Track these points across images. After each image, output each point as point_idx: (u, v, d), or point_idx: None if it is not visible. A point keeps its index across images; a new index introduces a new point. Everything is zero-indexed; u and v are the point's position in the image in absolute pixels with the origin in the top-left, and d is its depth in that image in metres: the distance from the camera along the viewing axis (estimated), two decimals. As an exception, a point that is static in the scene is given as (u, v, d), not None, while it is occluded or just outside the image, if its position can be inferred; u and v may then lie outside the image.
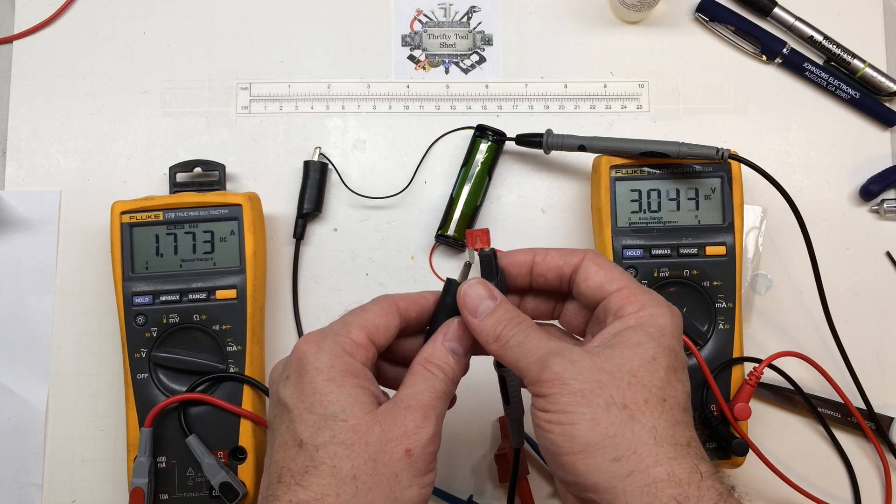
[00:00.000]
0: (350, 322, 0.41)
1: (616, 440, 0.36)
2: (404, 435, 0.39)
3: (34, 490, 0.60)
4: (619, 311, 0.41)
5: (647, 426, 0.37)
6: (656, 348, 0.39)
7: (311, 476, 0.38)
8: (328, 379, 0.39)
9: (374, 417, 0.39)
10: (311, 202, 0.63)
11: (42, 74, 0.66)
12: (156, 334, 0.57)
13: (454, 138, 0.65)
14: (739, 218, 0.59)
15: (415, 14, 0.67)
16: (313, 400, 0.39)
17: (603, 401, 0.37)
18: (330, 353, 0.40)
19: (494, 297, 0.42)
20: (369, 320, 0.41)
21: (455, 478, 0.61)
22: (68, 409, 0.62)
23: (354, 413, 0.38)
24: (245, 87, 0.66)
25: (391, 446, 0.38)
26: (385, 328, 0.42)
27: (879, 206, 0.65)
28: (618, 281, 0.42)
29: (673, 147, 0.57)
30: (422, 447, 0.39)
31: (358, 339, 0.41)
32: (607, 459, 0.36)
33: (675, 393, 0.39)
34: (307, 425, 0.39)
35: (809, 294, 0.62)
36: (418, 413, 0.39)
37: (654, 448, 0.37)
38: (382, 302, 0.43)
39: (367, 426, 0.38)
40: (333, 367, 0.39)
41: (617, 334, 0.40)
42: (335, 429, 0.38)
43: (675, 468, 0.36)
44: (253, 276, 0.58)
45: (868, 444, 0.62)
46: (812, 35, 0.66)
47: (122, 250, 0.58)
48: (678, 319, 0.41)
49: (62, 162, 0.65)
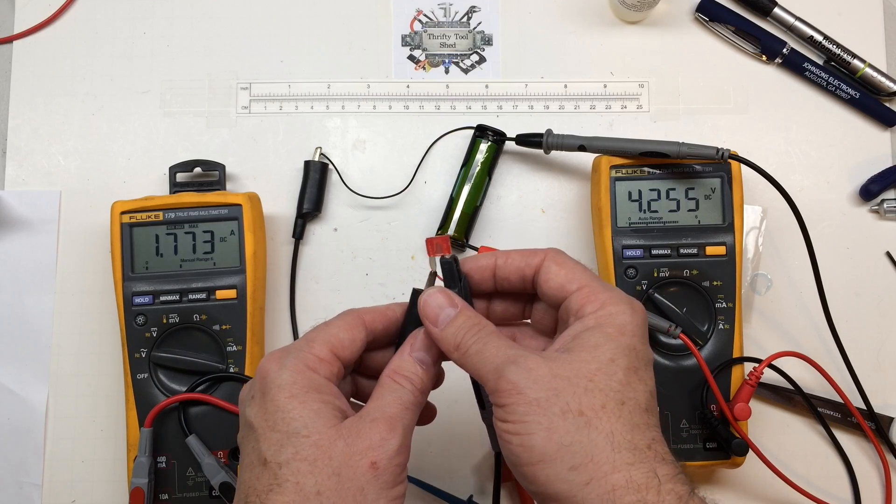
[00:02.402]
0: (313, 338, 0.41)
1: (572, 448, 0.36)
2: (369, 447, 0.38)
3: (34, 490, 0.60)
4: (579, 312, 0.40)
5: (603, 432, 0.36)
6: (614, 349, 0.38)
7: (275, 494, 0.37)
8: (290, 396, 0.38)
9: (337, 432, 0.38)
10: (311, 202, 0.63)
11: (42, 74, 0.66)
12: (156, 334, 0.57)
13: (454, 138, 0.65)
14: (739, 218, 0.59)
15: (415, 14, 0.67)
16: (276, 418, 0.38)
17: (559, 409, 0.37)
18: (291, 370, 0.39)
19: (455, 304, 0.41)
20: (333, 335, 0.41)
21: (455, 478, 0.61)
22: (68, 409, 0.62)
23: (317, 428, 0.38)
24: (245, 87, 0.66)
25: (355, 460, 0.37)
26: (350, 342, 0.41)
27: (879, 206, 0.65)
28: (578, 280, 0.41)
29: (673, 147, 0.57)
30: (388, 459, 0.38)
31: (321, 354, 0.40)
32: (565, 468, 0.36)
33: (634, 394, 0.38)
34: (270, 443, 0.38)
35: (809, 294, 0.62)
36: (384, 425, 0.39)
37: (612, 454, 0.36)
38: (347, 316, 0.42)
39: (330, 441, 0.38)
40: (295, 383, 0.39)
41: (575, 336, 0.39)
42: (297, 445, 0.37)
43: (632, 474, 0.36)
44: (253, 276, 0.58)
45: (868, 444, 0.62)
46: (812, 35, 0.66)
47: (122, 250, 0.58)
48: (640, 316, 0.40)
49: (62, 162, 0.65)
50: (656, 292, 0.58)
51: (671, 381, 0.57)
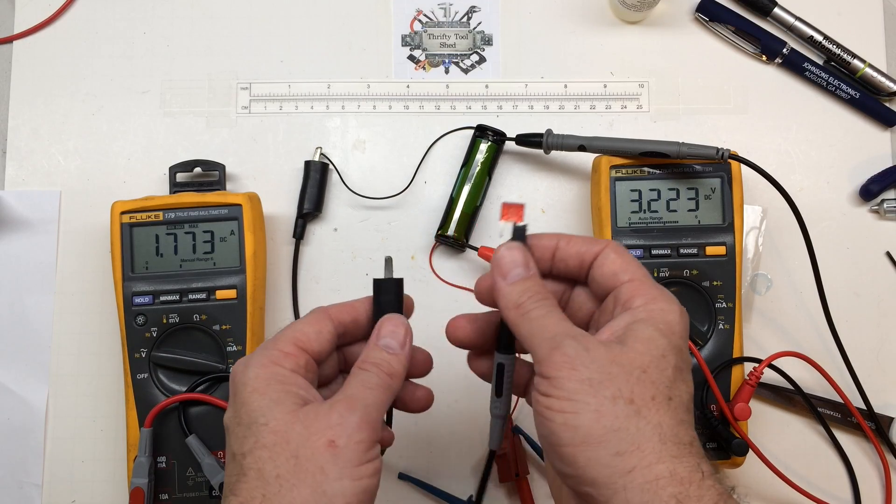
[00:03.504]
0: (278, 337, 0.42)
1: (620, 434, 0.36)
2: (327, 426, 0.38)
3: (34, 490, 0.60)
4: (629, 303, 0.40)
5: (652, 423, 0.36)
6: (667, 346, 0.38)
7: (240, 484, 0.38)
8: (252, 390, 0.40)
9: (294, 416, 0.39)
10: (312, 202, 0.63)
11: (42, 74, 0.66)
12: (156, 334, 0.57)
13: (454, 138, 0.65)
14: (739, 218, 0.59)
15: (415, 14, 0.67)
16: (241, 413, 0.39)
17: (610, 393, 0.36)
18: (255, 366, 0.40)
19: (529, 267, 0.41)
20: (297, 329, 0.42)
21: (455, 478, 0.61)
22: (68, 409, 0.62)
23: (274, 415, 0.39)
24: (245, 87, 0.66)
25: (313, 440, 0.38)
26: (315, 334, 0.42)
27: (879, 206, 0.65)
28: (632, 272, 0.41)
29: (673, 147, 0.57)
30: (347, 436, 0.38)
31: (284, 348, 0.41)
32: (609, 453, 0.36)
33: (680, 392, 0.38)
34: (237, 437, 0.39)
35: (809, 294, 0.62)
36: (343, 405, 0.39)
37: (659, 445, 0.36)
38: (313, 312, 0.44)
39: (287, 425, 0.38)
40: (257, 377, 0.40)
41: (627, 327, 0.39)
42: (257, 433, 0.38)
43: (677, 466, 0.36)
44: (253, 276, 0.58)
45: (868, 444, 0.62)
46: (812, 35, 0.66)
47: (122, 250, 0.58)
48: (686, 319, 0.41)
49: (62, 162, 0.65)
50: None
51: (671, 381, 0.57)
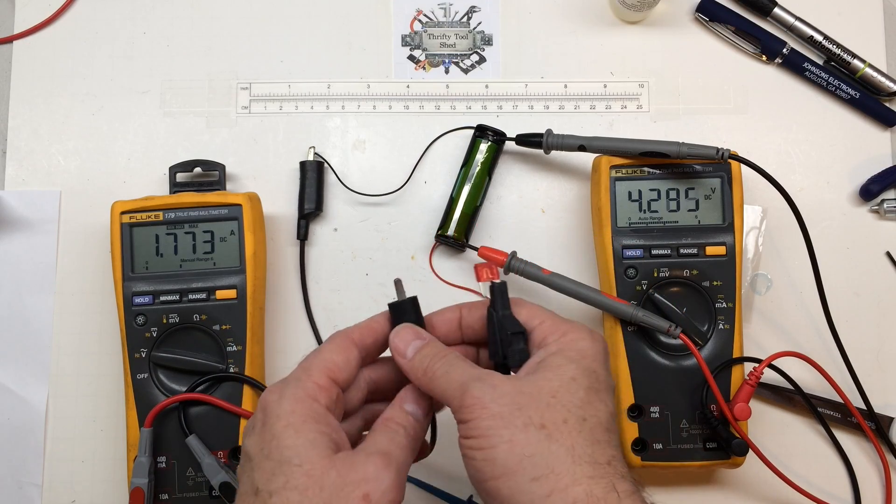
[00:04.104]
0: (309, 366, 0.41)
1: (534, 460, 0.37)
2: (363, 479, 0.37)
3: (34, 490, 0.60)
4: (542, 342, 0.42)
5: (564, 445, 0.38)
6: (576, 370, 0.40)
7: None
8: (286, 425, 0.39)
9: (330, 462, 0.38)
10: (312, 202, 0.63)
11: (42, 74, 0.66)
12: (156, 334, 0.57)
13: (454, 138, 0.65)
14: (739, 218, 0.58)
15: (415, 14, 0.67)
16: (271, 447, 0.38)
17: (521, 422, 0.38)
18: (291, 399, 0.40)
19: (423, 337, 0.43)
20: (328, 359, 0.42)
21: (455, 478, 0.61)
22: (68, 409, 0.62)
23: (310, 458, 0.38)
24: (245, 87, 0.66)
25: (347, 491, 0.37)
26: (345, 363, 0.42)
27: (879, 206, 0.65)
28: (539, 316, 0.43)
29: (673, 147, 0.57)
30: (381, 493, 0.37)
31: (319, 381, 0.41)
32: (526, 480, 0.37)
33: (596, 412, 0.39)
34: (263, 472, 0.38)
35: (809, 294, 0.62)
36: (380, 459, 0.39)
37: (572, 466, 0.37)
38: (337, 339, 0.43)
39: (323, 471, 0.37)
40: (294, 412, 0.39)
41: (539, 362, 0.41)
42: (289, 474, 0.37)
43: (593, 487, 0.37)
44: (253, 276, 0.58)
45: (868, 444, 0.62)
46: (812, 35, 0.66)
47: (122, 250, 0.58)
48: (600, 344, 0.42)
49: (62, 162, 0.65)
50: (656, 292, 0.58)
51: (671, 381, 0.57)
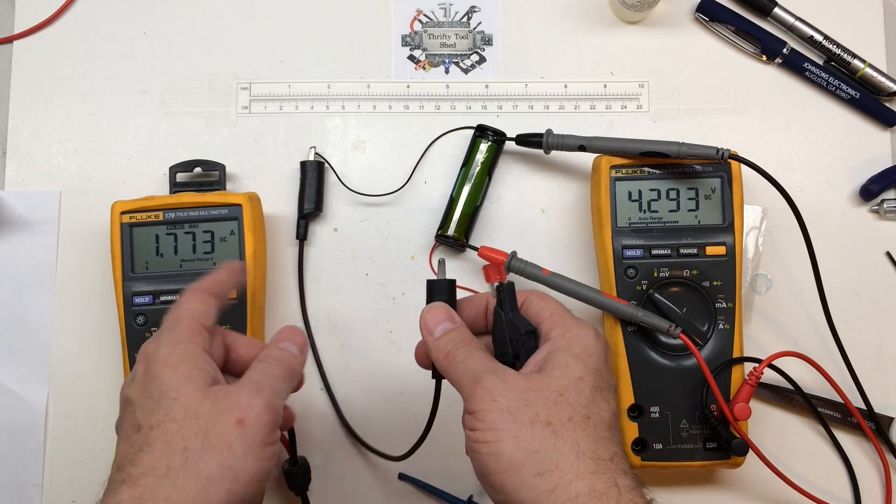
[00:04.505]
0: (178, 317, 0.44)
1: (539, 455, 0.39)
2: (236, 406, 0.40)
3: (34, 490, 0.60)
4: (548, 335, 0.44)
5: (569, 441, 0.39)
6: (583, 369, 0.42)
7: (143, 454, 0.39)
8: (164, 365, 0.41)
9: (204, 393, 0.40)
10: (312, 202, 0.63)
11: (42, 74, 0.66)
12: (156, 334, 0.57)
13: (454, 138, 0.65)
14: (739, 218, 0.58)
15: (415, 14, 0.67)
16: (151, 387, 0.41)
17: (528, 418, 0.39)
18: (168, 344, 0.42)
19: (454, 320, 0.45)
20: (193, 308, 0.44)
21: (455, 478, 0.61)
22: (68, 409, 0.62)
23: (185, 391, 0.40)
24: (245, 87, 0.66)
25: (223, 418, 0.39)
26: (207, 309, 0.45)
27: (879, 206, 0.65)
28: (551, 309, 0.46)
29: (673, 147, 0.57)
30: (255, 417, 0.40)
31: (191, 327, 0.43)
32: (531, 475, 0.38)
33: (600, 411, 0.41)
34: (144, 410, 0.40)
35: (809, 294, 0.62)
36: (251, 387, 0.41)
37: (576, 462, 0.39)
38: (194, 291, 0.46)
39: (198, 402, 0.40)
40: (171, 354, 0.42)
41: (546, 357, 0.43)
42: (167, 407, 0.40)
43: (595, 482, 0.38)
44: (253, 277, 0.58)
45: (868, 444, 0.62)
46: (812, 35, 0.66)
47: (122, 250, 0.58)
48: (603, 343, 0.44)
49: (62, 162, 0.65)
50: (656, 292, 0.58)
51: (671, 381, 0.57)
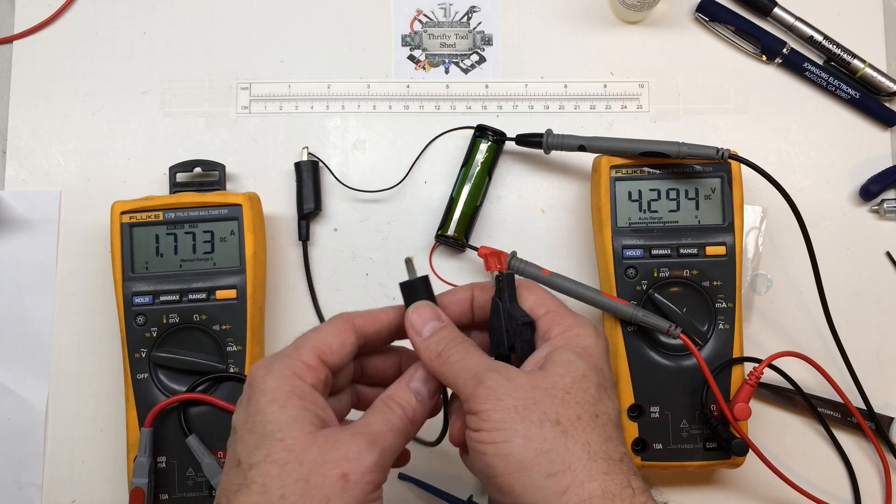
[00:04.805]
0: (301, 344, 0.41)
1: (550, 455, 0.37)
2: (343, 458, 0.37)
3: (34, 490, 0.60)
4: (547, 333, 0.42)
5: (580, 441, 0.38)
6: (586, 367, 0.40)
7: (241, 495, 0.37)
8: (271, 400, 0.39)
9: (312, 438, 0.38)
10: (311, 201, 0.63)
11: (42, 74, 0.66)
12: (156, 334, 0.57)
13: (454, 138, 0.65)
14: (739, 218, 0.58)
15: (415, 14, 0.67)
16: (255, 420, 0.38)
17: (536, 417, 0.38)
18: (276, 376, 0.39)
19: (441, 318, 0.43)
20: (322, 340, 0.41)
21: (455, 478, 0.61)
22: (68, 409, 0.62)
23: (292, 433, 0.38)
24: (245, 87, 0.66)
25: (326, 468, 0.37)
26: (339, 347, 0.41)
27: (879, 206, 0.65)
28: (546, 305, 0.43)
29: (673, 147, 0.57)
30: (360, 474, 0.37)
31: (308, 360, 0.40)
32: (543, 475, 0.37)
33: (606, 409, 0.40)
34: (246, 445, 0.38)
35: (809, 294, 0.62)
36: (364, 440, 0.38)
37: (588, 462, 0.37)
38: (337, 320, 0.42)
39: (304, 446, 0.37)
40: (278, 388, 0.39)
41: (547, 355, 0.41)
42: (270, 447, 0.37)
43: (608, 483, 0.37)
44: (253, 276, 0.58)
45: (868, 444, 0.62)
46: (812, 35, 0.66)
47: (122, 250, 0.58)
48: (603, 341, 0.42)
49: (62, 162, 0.65)
50: (656, 292, 0.58)
51: (671, 381, 0.57)
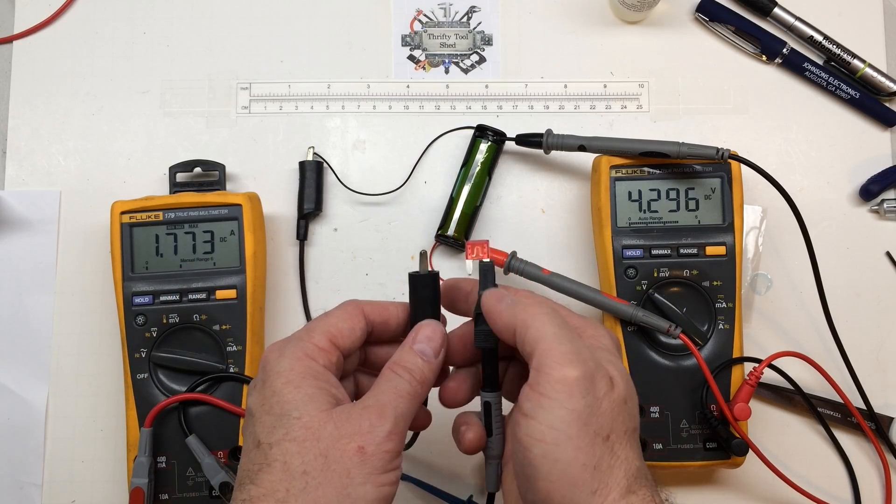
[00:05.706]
0: (313, 327, 0.42)
1: (596, 474, 0.37)
2: (357, 432, 0.38)
3: (34, 490, 0.60)
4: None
5: (621, 458, 0.38)
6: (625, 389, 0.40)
7: (263, 473, 0.38)
8: (286, 381, 0.40)
9: (328, 415, 0.39)
10: (311, 201, 0.63)
11: (42, 74, 0.66)
12: (156, 334, 0.57)
13: (454, 138, 0.65)
14: (739, 218, 0.58)
15: (415, 14, 0.67)
16: (272, 402, 0.40)
17: (593, 430, 0.38)
18: (290, 358, 0.40)
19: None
20: (332, 324, 0.42)
21: (455, 478, 0.61)
22: (68, 409, 0.62)
23: (308, 411, 0.39)
24: (245, 87, 0.66)
25: (343, 443, 0.38)
26: (349, 331, 0.42)
27: (879, 206, 0.65)
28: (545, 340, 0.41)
29: (673, 147, 0.57)
30: (376, 444, 0.38)
31: (319, 343, 0.41)
32: (585, 493, 0.37)
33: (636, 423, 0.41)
34: (264, 426, 0.39)
35: (809, 294, 0.62)
36: (375, 411, 0.39)
37: (624, 480, 0.38)
38: (347, 306, 0.44)
39: (320, 423, 0.39)
40: (292, 370, 0.40)
41: None
42: (288, 426, 0.39)
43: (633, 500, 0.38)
44: (253, 276, 0.58)
45: (868, 444, 0.62)
46: (812, 35, 0.66)
47: (122, 250, 0.58)
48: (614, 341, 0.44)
49: (62, 162, 0.65)
50: (656, 292, 0.58)
51: (671, 381, 0.57)
